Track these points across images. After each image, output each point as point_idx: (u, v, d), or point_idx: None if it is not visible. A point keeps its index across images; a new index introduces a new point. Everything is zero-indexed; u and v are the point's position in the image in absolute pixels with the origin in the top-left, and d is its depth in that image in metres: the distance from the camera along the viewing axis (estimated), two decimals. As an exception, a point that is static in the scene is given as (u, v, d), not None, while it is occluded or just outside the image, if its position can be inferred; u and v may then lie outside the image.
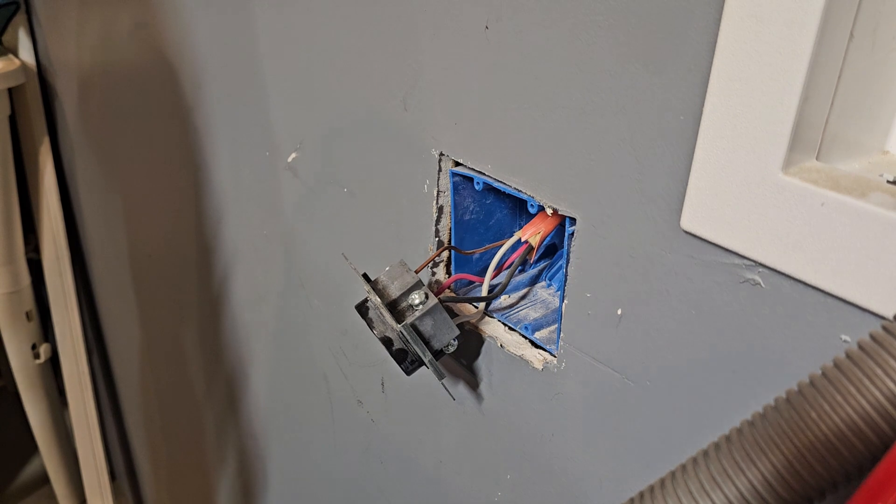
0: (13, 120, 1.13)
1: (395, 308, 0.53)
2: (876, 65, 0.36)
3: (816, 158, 0.36)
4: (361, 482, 0.86)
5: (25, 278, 1.29)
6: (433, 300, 0.52)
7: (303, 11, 0.67)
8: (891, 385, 0.27)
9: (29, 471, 1.91)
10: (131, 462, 1.73)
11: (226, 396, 1.16)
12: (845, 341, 0.36)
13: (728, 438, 0.32)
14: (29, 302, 1.33)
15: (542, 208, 0.51)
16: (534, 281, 0.62)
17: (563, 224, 0.52)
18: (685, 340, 0.43)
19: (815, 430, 0.29)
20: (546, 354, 0.55)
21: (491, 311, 0.59)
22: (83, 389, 1.65)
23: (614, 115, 0.43)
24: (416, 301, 0.52)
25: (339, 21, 0.63)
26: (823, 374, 0.30)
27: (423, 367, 0.53)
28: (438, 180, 0.58)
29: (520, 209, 0.61)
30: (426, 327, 0.52)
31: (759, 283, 0.39)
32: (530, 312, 0.59)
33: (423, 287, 0.53)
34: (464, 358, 0.62)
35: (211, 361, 1.16)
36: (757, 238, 0.37)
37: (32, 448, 1.70)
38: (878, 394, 0.27)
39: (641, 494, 0.34)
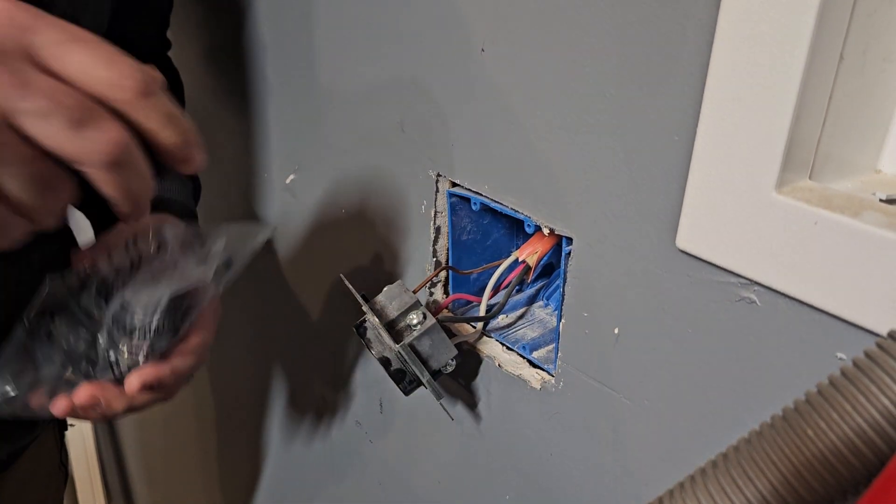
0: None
1: (394, 328, 0.53)
2: (866, 85, 0.36)
3: (809, 178, 0.36)
4: (360, 503, 0.85)
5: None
6: (431, 320, 0.52)
7: (301, 32, 0.68)
8: (886, 402, 0.27)
9: (25, 494, 1.89)
10: (126, 482, 1.72)
11: (222, 417, 1.15)
12: (840, 359, 0.36)
13: (725, 456, 0.32)
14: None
15: (538, 228, 0.51)
16: (531, 300, 0.62)
17: (559, 244, 0.52)
18: (682, 359, 0.44)
19: (812, 447, 0.29)
20: (544, 374, 0.55)
21: (489, 331, 0.59)
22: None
23: (610, 136, 0.44)
24: (414, 321, 0.52)
25: (339, 45, 0.63)
26: (819, 391, 0.30)
27: (422, 387, 0.53)
28: (436, 201, 0.58)
29: (517, 229, 0.61)
30: (424, 347, 0.52)
31: (755, 302, 0.39)
32: (528, 332, 0.59)
33: (421, 307, 0.53)
34: (462, 377, 0.61)
35: (207, 382, 1.16)
36: (752, 257, 0.37)
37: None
38: (873, 411, 0.28)
39: (640, 513, 0.34)
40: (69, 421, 0.77)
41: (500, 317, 0.60)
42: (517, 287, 0.60)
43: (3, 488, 0.66)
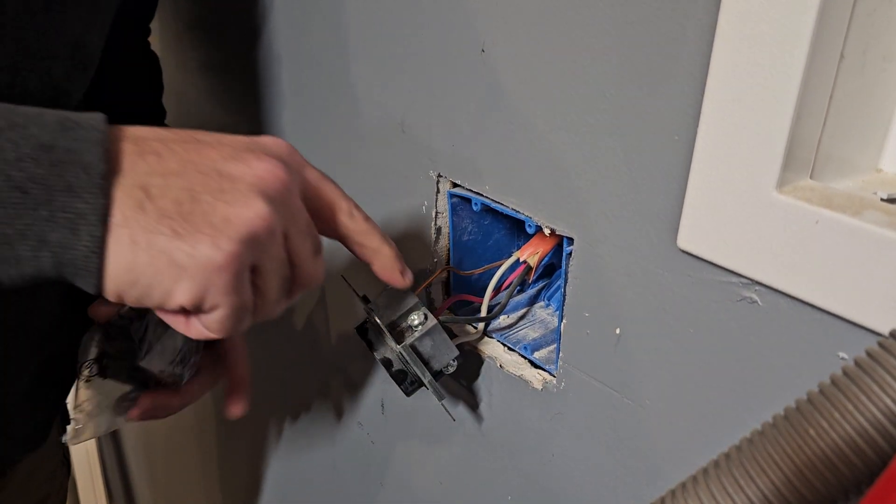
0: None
1: (395, 329, 0.53)
2: (867, 84, 0.36)
3: (810, 177, 0.36)
4: (361, 504, 0.85)
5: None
6: (432, 321, 0.52)
7: (302, 33, 0.68)
8: (888, 402, 0.27)
9: (26, 496, 1.89)
10: (129, 484, 1.72)
11: (223, 418, 1.15)
12: (842, 358, 0.36)
13: (727, 456, 0.32)
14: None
15: (539, 228, 0.51)
16: (532, 301, 0.62)
17: (560, 244, 0.52)
18: (683, 359, 0.44)
19: (814, 447, 0.29)
20: (545, 374, 0.55)
21: (490, 332, 0.59)
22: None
23: (610, 136, 0.44)
24: (416, 322, 0.52)
25: (339, 46, 0.64)
26: (821, 391, 0.30)
27: (423, 388, 0.53)
28: (437, 201, 0.58)
29: (518, 229, 0.61)
30: (425, 348, 0.52)
31: (756, 301, 0.39)
32: (529, 332, 0.59)
33: (423, 308, 0.53)
34: (463, 378, 0.61)
35: (210, 384, 1.16)
36: (753, 256, 0.37)
37: (30, 473, 1.68)
38: (875, 410, 0.28)
39: (642, 513, 0.34)
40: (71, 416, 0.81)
41: (502, 317, 0.60)
42: (518, 287, 0.60)
43: (9, 483, 0.67)
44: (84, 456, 1.63)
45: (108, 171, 0.35)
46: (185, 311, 0.39)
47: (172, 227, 0.36)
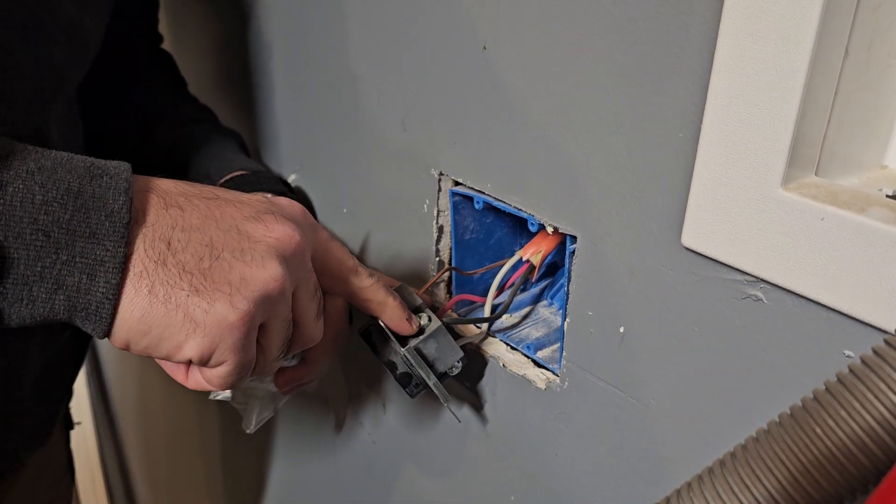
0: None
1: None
2: (872, 80, 0.36)
3: (815, 174, 0.36)
4: (364, 505, 0.85)
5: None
6: (437, 323, 0.52)
7: (303, 31, 0.68)
8: (894, 399, 0.27)
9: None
10: (130, 486, 1.72)
11: (226, 420, 1.15)
12: (848, 356, 0.36)
13: (733, 455, 0.32)
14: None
15: (542, 227, 0.51)
16: (535, 300, 0.62)
17: (563, 242, 0.52)
18: (688, 357, 0.43)
19: (820, 445, 0.29)
20: (549, 374, 0.54)
21: (493, 331, 0.59)
22: (81, 414, 1.65)
23: (613, 134, 0.43)
24: (420, 324, 0.52)
25: (340, 44, 0.63)
26: (827, 389, 0.29)
27: (428, 390, 0.53)
28: (438, 200, 0.58)
29: (520, 228, 0.61)
30: (430, 350, 0.52)
31: (762, 299, 0.39)
32: (532, 331, 0.59)
33: (427, 310, 0.53)
34: (466, 378, 0.61)
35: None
36: (758, 254, 0.37)
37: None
38: (882, 408, 0.27)
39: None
40: (73, 420, 0.81)
41: (504, 316, 0.60)
42: (521, 286, 0.59)
43: (15, 486, 0.67)
44: (85, 459, 1.63)
45: (132, 221, 0.36)
46: (187, 362, 0.39)
47: (192, 283, 0.37)
